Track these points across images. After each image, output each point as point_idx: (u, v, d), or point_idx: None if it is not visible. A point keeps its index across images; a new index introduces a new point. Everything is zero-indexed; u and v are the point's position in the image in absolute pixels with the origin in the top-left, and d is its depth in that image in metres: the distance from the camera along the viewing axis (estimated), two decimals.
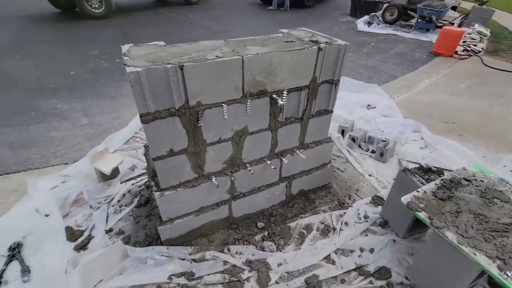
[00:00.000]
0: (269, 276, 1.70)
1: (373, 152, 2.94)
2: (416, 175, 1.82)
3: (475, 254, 1.27)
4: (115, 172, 2.55)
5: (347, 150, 2.96)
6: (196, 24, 8.49)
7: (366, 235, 2.00)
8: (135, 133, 3.30)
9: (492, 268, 1.21)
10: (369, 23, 9.01)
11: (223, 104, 1.53)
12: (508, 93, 4.46)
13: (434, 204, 1.54)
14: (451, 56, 6.32)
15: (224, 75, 1.44)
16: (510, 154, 2.89)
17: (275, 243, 1.93)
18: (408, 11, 8.90)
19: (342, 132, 3.20)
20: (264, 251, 1.86)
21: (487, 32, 6.94)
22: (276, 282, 1.68)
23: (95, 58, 5.53)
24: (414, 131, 3.28)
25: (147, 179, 2.40)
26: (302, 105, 1.84)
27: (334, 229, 2.04)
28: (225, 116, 1.57)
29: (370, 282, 1.68)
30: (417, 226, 1.86)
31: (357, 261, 1.81)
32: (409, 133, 3.21)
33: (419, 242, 1.92)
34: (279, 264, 1.77)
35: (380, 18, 9.24)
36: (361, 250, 1.88)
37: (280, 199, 2.21)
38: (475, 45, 6.59)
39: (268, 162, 1.93)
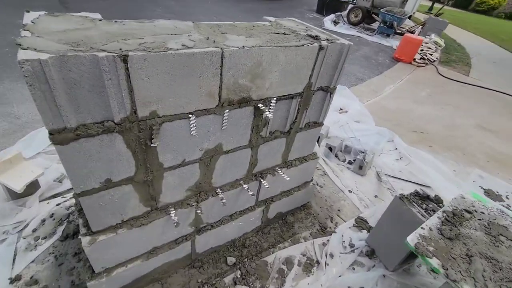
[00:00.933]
0: None
1: (350, 163, 2.73)
2: (414, 203, 1.59)
3: None
4: (32, 187, 1.88)
5: (323, 160, 2.69)
6: (153, 1, 7.48)
7: (353, 268, 1.73)
8: None
9: None
10: (335, 22, 9.00)
11: (190, 116, 1.06)
12: (463, 104, 4.70)
13: (442, 245, 1.31)
14: (410, 63, 6.57)
15: (194, 74, 0.97)
16: (475, 167, 2.93)
17: (249, 287, 1.54)
18: (372, 14, 9.11)
19: (317, 139, 2.93)
20: None
21: (441, 42, 7.39)
22: None
23: (19, 29, 4.40)
24: (388, 141, 3.16)
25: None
26: (291, 116, 1.45)
27: (318, 262, 1.73)
28: (193, 132, 1.11)
29: None
30: (408, 257, 1.65)
31: None
32: (384, 143, 3.07)
33: (409, 276, 1.72)
34: None
35: (345, 18, 9.31)
36: None
37: (255, 225, 1.83)
38: (431, 54, 6.97)
39: (244, 186, 1.51)
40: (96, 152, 0.93)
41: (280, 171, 1.64)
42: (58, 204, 1.87)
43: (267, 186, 1.56)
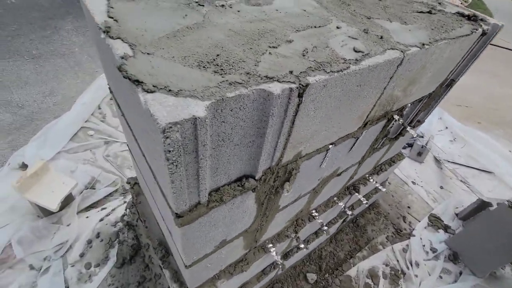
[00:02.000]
0: None
1: (403, 147, 2.48)
2: None
3: None
4: (66, 200, 1.59)
5: None
6: None
7: (441, 277, 1.59)
8: (86, 121, 2.19)
9: None
10: None
11: (330, 146, 0.74)
12: (498, 70, 4.36)
13: None
14: None
15: (361, 94, 0.63)
16: None
17: None
18: None
19: None
20: None
21: None
22: None
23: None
24: (439, 118, 2.89)
25: (128, 225, 1.51)
26: (406, 120, 1.14)
27: (403, 273, 1.57)
28: (324, 165, 0.80)
29: None
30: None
31: None
32: (435, 122, 2.80)
33: (497, 280, 1.60)
34: None
35: None
36: None
37: (328, 234, 1.62)
38: None
39: (339, 203, 1.26)
40: (223, 218, 0.63)
41: (371, 179, 1.38)
42: (101, 220, 1.60)
43: (359, 197, 1.31)
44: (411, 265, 1.60)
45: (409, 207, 1.96)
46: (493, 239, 1.49)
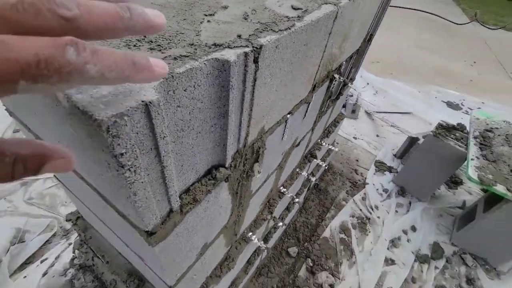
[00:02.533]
0: None
1: None
2: (447, 137, 1.64)
3: None
4: None
5: None
6: None
7: (396, 211, 1.80)
8: None
9: None
10: None
11: (288, 116, 0.72)
12: (400, 29, 5.03)
13: (492, 169, 1.40)
14: None
15: (308, 54, 0.61)
16: (431, 85, 3.27)
17: (327, 271, 1.45)
18: None
19: None
20: None
21: None
22: None
23: None
24: (360, 76, 3.20)
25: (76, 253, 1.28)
26: (343, 79, 1.21)
27: (368, 218, 1.73)
28: (285, 137, 0.78)
29: (436, 267, 1.53)
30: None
31: (411, 248, 1.60)
32: (359, 81, 3.10)
33: (437, 200, 1.89)
34: None
35: None
36: (405, 232, 1.68)
37: (298, 206, 1.67)
38: None
39: (302, 173, 1.29)
40: (200, 220, 0.56)
41: (324, 143, 1.45)
42: (45, 274, 1.33)
43: (321, 164, 1.36)
44: (372, 209, 1.77)
45: (357, 160, 2.15)
46: (427, 166, 1.74)
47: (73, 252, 1.36)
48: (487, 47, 4.74)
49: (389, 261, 1.53)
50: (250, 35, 0.42)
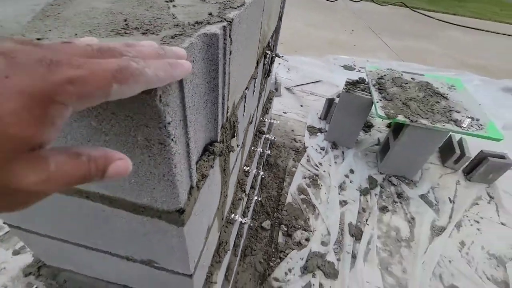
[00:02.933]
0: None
1: None
2: (355, 91, 1.99)
3: (443, 125, 1.67)
4: None
5: None
6: None
7: (336, 162, 2.11)
8: None
9: (455, 128, 1.66)
10: None
11: (246, 92, 0.79)
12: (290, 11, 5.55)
13: (392, 106, 1.80)
14: None
15: (253, 29, 0.69)
16: (328, 55, 3.81)
17: (300, 229, 1.62)
18: None
19: None
20: (300, 245, 1.54)
21: None
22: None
23: None
24: None
25: None
26: (274, 54, 1.34)
27: (317, 175, 1.98)
28: (245, 113, 0.86)
29: (375, 194, 1.89)
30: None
31: (354, 187, 1.92)
32: None
33: (360, 144, 2.30)
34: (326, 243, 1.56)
35: None
36: (346, 176, 2.00)
37: (260, 180, 1.78)
38: None
39: (257, 149, 1.39)
40: (205, 198, 0.59)
41: (265, 119, 1.58)
42: None
43: (269, 137, 1.49)
44: (317, 166, 2.03)
45: (292, 130, 2.39)
46: (346, 119, 2.08)
47: None
48: (357, 17, 5.75)
49: (343, 203, 1.81)
50: (219, 12, 0.47)
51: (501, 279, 1.52)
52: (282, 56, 1.11)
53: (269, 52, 1.06)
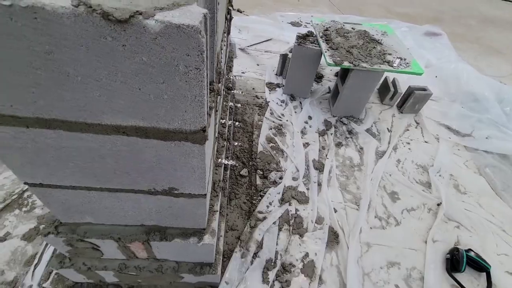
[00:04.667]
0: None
1: None
2: (306, 43, 2.18)
3: (379, 67, 1.98)
4: None
5: None
6: None
7: (295, 112, 2.35)
8: None
9: (388, 68, 1.99)
10: None
11: (223, 43, 0.91)
12: None
13: (338, 54, 2.04)
14: None
15: None
16: (275, 12, 3.87)
17: (273, 170, 1.87)
18: None
19: None
20: (275, 183, 1.79)
21: None
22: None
23: None
24: None
25: None
26: (236, 9, 1.42)
27: (281, 125, 2.21)
28: (222, 61, 0.98)
29: (331, 134, 2.20)
30: None
31: (313, 130, 2.21)
32: None
33: (315, 93, 2.56)
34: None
35: None
36: (306, 122, 2.27)
37: (233, 128, 1.95)
38: None
39: (229, 104, 1.53)
40: (211, 127, 0.73)
41: (231, 77, 1.69)
42: None
43: (236, 92, 1.63)
44: (280, 117, 2.25)
45: (253, 88, 2.54)
46: (300, 71, 2.29)
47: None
48: None
49: (306, 144, 2.09)
50: None
51: (425, 181, 2.00)
52: (244, 11, 1.20)
53: (231, 8, 1.15)
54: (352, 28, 2.39)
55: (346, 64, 1.95)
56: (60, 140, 0.59)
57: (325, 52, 2.03)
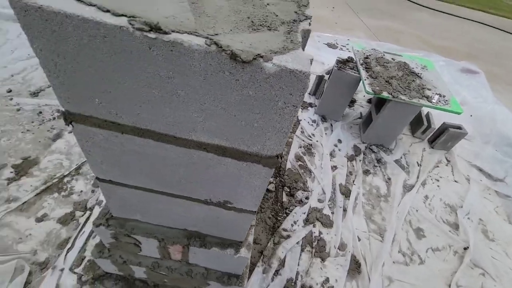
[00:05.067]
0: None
1: None
2: (346, 68, 2.22)
3: (418, 101, 1.98)
4: None
5: None
6: None
7: (326, 133, 2.38)
8: None
9: (427, 103, 1.98)
10: None
11: None
12: None
13: (377, 83, 2.06)
14: None
15: None
16: (312, 32, 3.95)
17: (300, 189, 1.89)
18: None
19: None
20: (301, 202, 1.81)
21: None
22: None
23: None
24: None
25: None
26: None
27: (310, 145, 2.23)
28: None
29: (359, 160, 2.20)
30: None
31: (342, 154, 2.22)
32: None
33: (347, 118, 2.58)
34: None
35: None
36: (335, 145, 2.28)
37: None
38: None
39: None
40: None
41: None
42: None
43: None
44: (310, 137, 2.28)
45: None
46: (335, 95, 2.32)
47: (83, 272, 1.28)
48: None
49: (334, 167, 2.10)
50: (299, 10, 0.63)
51: (453, 222, 1.95)
52: None
53: None
54: (392, 58, 2.41)
55: (385, 94, 1.97)
56: (145, 148, 0.65)
57: (365, 80, 2.06)
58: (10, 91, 2.12)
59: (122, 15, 0.44)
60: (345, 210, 1.84)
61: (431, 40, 4.80)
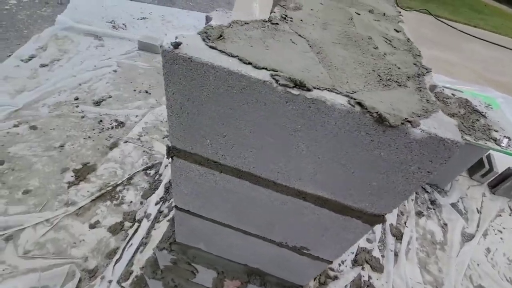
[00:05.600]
0: None
1: None
2: None
3: (485, 143, 1.82)
4: None
5: None
6: None
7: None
8: None
9: (495, 146, 1.82)
10: None
11: None
12: None
13: None
14: None
15: None
16: None
17: None
18: None
19: None
20: None
21: None
22: None
23: None
24: None
25: None
26: None
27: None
28: None
29: (412, 199, 2.05)
30: None
31: None
32: None
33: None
34: None
35: None
36: None
37: None
38: None
39: None
40: None
41: None
42: None
43: None
44: None
45: None
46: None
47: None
48: None
49: None
50: (416, 61, 0.60)
51: None
52: None
53: None
54: (452, 94, 2.27)
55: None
56: (238, 188, 0.64)
57: None
58: (77, 98, 2.30)
59: (263, 68, 0.43)
60: (396, 254, 1.70)
61: (485, 74, 4.51)
